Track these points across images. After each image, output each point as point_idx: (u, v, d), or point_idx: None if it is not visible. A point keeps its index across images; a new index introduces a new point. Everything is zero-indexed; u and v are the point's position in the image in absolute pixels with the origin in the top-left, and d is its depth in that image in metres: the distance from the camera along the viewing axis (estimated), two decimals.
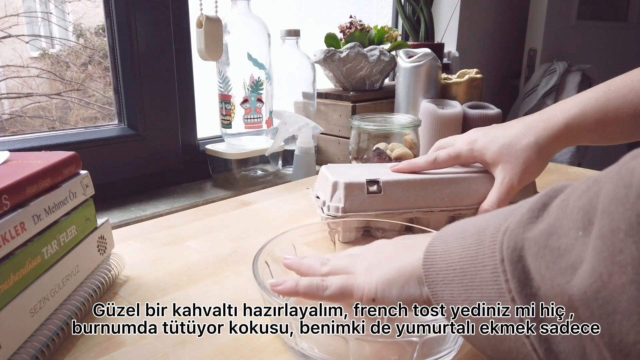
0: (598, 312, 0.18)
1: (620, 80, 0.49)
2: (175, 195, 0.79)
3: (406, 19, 1.21)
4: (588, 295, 0.19)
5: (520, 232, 0.22)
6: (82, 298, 0.39)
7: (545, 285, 0.21)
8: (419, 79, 0.95)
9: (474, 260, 0.24)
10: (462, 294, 0.25)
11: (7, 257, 0.31)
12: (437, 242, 0.28)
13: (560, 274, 0.20)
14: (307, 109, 0.95)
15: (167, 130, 0.81)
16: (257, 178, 0.88)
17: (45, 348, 0.33)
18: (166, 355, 0.35)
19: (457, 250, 0.26)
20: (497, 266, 0.22)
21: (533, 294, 0.21)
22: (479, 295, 0.24)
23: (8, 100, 0.87)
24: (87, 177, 0.43)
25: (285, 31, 0.91)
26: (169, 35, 0.78)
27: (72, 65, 0.92)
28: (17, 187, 0.33)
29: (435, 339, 0.31)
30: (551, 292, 0.20)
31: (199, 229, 0.58)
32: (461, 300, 0.25)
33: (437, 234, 0.29)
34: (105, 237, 0.45)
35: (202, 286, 0.44)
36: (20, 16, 0.82)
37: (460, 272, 0.25)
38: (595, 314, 0.18)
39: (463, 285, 0.25)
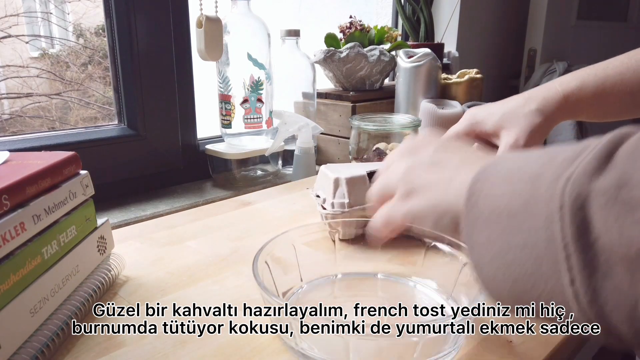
0: None
1: (618, 59, 0.51)
2: (175, 195, 0.79)
3: (406, 19, 1.21)
4: None
5: (586, 181, 0.21)
6: (82, 298, 0.39)
7: (610, 237, 0.20)
8: (419, 79, 0.95)
9: (525, 206, 0.23)
10: (501, 238, 0.24)
11: (7, 257, 0.31)
12: (483, 184, 0.26)
13: (633, 225, 0.19)
14: (307, 109, 0.95)
15: (167, 130, 0.81)
16: (257, 178, 0.88)
17: (45, 348, 0.33)
18: (166, 355, 0.35)
19: (505, 196, 0.24)
20: (553, 213, 0.22)
21: (590, 244, 0.20)
22: (522, 240, 0.23)
23: (8, 100, 0.86)
24: (87, 177, 0.43)
25: (285, 31, 0.91)
26: (169, 35, 0.78)
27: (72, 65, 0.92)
28: (17, 187, 0.33)
29: (435, 339, 0.31)
30: (616, 243, 0.20)
31: (199, 229, 0.58)
32: (498, 245, 0.24)
33: (483, 172, 0.27)
34: (105, 237, 0.45)
35: (202, 286, 0.44)
36: (20, 16, 0.82)
37: (505, 217, 0.24)
38: None
39: (506, 231, 0.24)
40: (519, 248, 0.23)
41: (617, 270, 0.20)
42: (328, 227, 0.48)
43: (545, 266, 0.22)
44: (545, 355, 0.35)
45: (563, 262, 0.21)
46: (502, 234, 0.24)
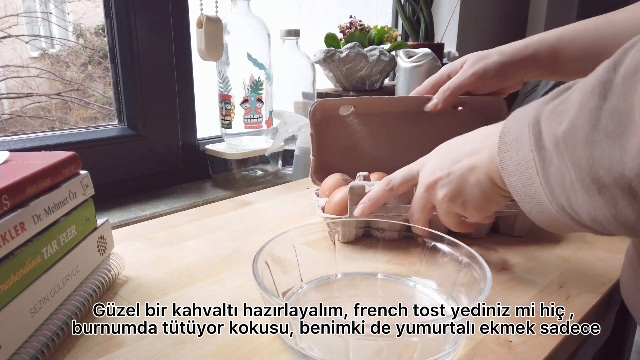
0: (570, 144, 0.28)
1: (580, 22, 0.59)
2: (175, 195, 0.79)
3: (406, 19, 1.21)
4: (565, 134, 0.28)
5: (543, 106, 0.31)
6: (82, 298, 0.39)
7: (547, 137, 0.30)
8: (419, 79, 0.94)
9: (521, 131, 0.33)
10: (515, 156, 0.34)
11: (7, 257, 0.31)
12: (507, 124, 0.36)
13: (556, 125, 0.29)
14: (307, 109, 0.94)
15: (167, 130, 0.81)
16: (257, 178, 0.88)
17: (45, 348, 0.33)
18: (166, 355, 0.35)
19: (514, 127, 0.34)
20: (527, 131, 0.32)
21: (542, 146, 0.31)
22: (521, 155, 0.33)
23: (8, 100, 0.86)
24: (87, 177, 0.43)
25: (285, 31, 0.91)
26: (169, 35, 0.78)
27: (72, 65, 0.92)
28: (17, 187, 0.33)
29: (435, 339, 0.31)
30: (549, 140, 0.30)
31: (199, 229, 0.58)
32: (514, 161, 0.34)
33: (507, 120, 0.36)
34: (105, 237, 0.45)
35: (202, 286, 0.44)
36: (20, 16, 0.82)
37: (514, 141, 0.34)
38: (568, 146, 0.28)
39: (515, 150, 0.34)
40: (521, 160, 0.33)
41: (554, 157, 0.30)
42: (328, 227, 0.48)
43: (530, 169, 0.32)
44: (545, 355, 0.35)
45: (532, 161, 0.32)
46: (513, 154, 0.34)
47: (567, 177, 0.29)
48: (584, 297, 0.43)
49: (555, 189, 0.30)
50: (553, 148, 0.29)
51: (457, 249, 0.41)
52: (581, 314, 0.40)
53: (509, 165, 0.35)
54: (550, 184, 0.31)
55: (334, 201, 0.53)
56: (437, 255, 0.43)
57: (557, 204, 0.31)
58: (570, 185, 0.29)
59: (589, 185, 0.27)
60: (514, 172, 0.34)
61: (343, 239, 0.50)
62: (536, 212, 0.34)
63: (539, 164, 0.31)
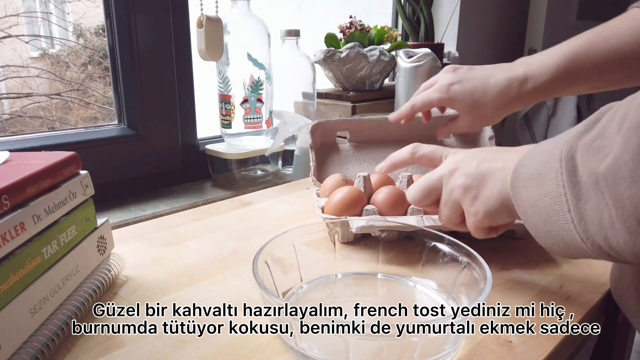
0: (611, 182, 0.26)
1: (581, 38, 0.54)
2: (175, 195, 0.79)
3: (406, 19, 1.21)
4: (607, 170, 0.27)
5: (576, 140, 0.30)
6: (82, 298, 0.39)
7: (585, 173, 0.29)
8: (419, 79, 0.94)
9: (546, 165, 0.32)
10: (534, 192, 0.33)
11: (7, 257, 0.31)
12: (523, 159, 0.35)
13: (595, 160, 0.28)
14: (307, 109, 0.94)
15: (167, 130, 0.81)
16: (257, 178, 0.88)
17: (45, 348, 0.33)
18: (166, 355, 0.35)
19: (536, 162, 0.33)
20: (557, 165, 0.31)
21: (577, 182, 0.29)
22: (544, 190, 0.32)
23: (8, 100, 0.86)
24: (87, 177, 0.43)
25: (285, 31, 0.91)
26: (169, 35, 0.78)
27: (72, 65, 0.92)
28: (17, 187, 0.33)
29: (435, 339, 0.31)
30: (587, 176, 0.28)
31: (199, 229, 0.58)
32: (533, 197, 0.33)
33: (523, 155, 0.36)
34: (105, 237, 0.45)
35: (202, 286, 0.44)
36: (20, 16, 0.82)
37: (536, 175, 0.33)
38: (610, 184, 0.27)
39: (536, 185, 0.33)
40: (544, 196, 0.32)
41: (591, 195, 0.28)
42: (328, 228, 0.48)
43: (557, 205, 0.31)
44: (545, 355, 0.35)
45: (563, 197, 0.30)
46: (534, 189, 0.33)
47: (605, 216, 0.28)
48: (584, 297, 0.43)
49: (590, 228, 0.29)
50: (591, 185, 0.28)
51: (457, 249, 0.41)
52: (581, 314, 0.40)
53: (525, 202, 0.33)
54: (585, 223, 0.29)
55: (333, 201, 0.53)
56: (437, 255, 0.43)
57: (593, 243, 0.29)
58: (609, 225, 0.27)
59: (632, 226, 0.26)
60: (533, 208, 0.33)
61: (342, 239, 0.50)
62: (557, 247, 0.33)
63: (572, 201, 0.29)
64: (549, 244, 0.33)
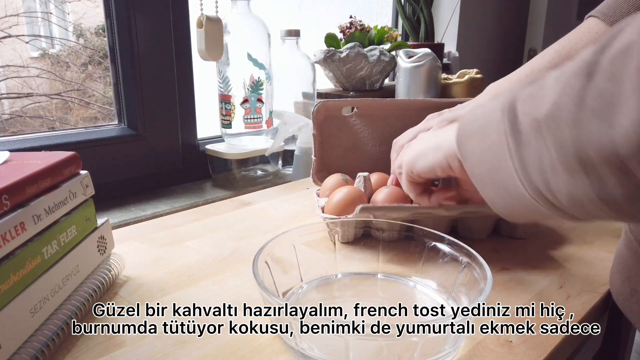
0: (552, 125, 0.28)
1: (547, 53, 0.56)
2: (175, 195, 0.79)
3: (406, 19, 1.21)
4: (547, 116, 0.28)
5: (516, 92, 0.31)
6: (82, 298, 0.39)
7: (526, 120, 0.30)
8: (419, 79, 0.95)
9: (489, 118, 0.34)
10: (478, 145, 0.35)
11: (7, 257, 0.31)
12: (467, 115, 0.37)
13: (536, 107, 0.29)
14: (307, 109, 0.94)
15: (167, 130, 0.81)
16: (257, 178, 0.88)
17: (45, 348, 0.33)
18: (166, 355, 0.35)
19: (480, 116, 0.35)
20: (499, 117, 0.32)
21: (518, 130, 0.31)
22: (488, 141, 0.33)
23: (8, 100, 0.86)
24: (87, 177, 0.43)
25: (285, 31, 0.91)
26: (169, 35, 0.78)
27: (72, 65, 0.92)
28: (17, 187, 0.33)
29: (435, 339, 0.31)
30: (527, 123, 0.30)
31: (199, 229, 0.58)
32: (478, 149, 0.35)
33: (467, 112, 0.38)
34: (105, 237, 0.45)
35: (202, 286, 0.44)
36: (20, 16, 0.82)
37: (480, 128, 0.35)
38: (551, 127, 0.28)
39: (480, 137, 0.34)
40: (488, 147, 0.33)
41: (532, 141, 0.29)
42: (328, 228, 0.48)
43: (500, 155, 0.32)
44: (545, 355, 0.35)
45: (505, 146, 0.32)
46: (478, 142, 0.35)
47: (546, 159, 0.29)
48: (584, 297, 0.43)
49: (531, 172, 0.30)
50: (532, 131, 0.30)
51: (457, 249, 0.41)
52: (581, 314, 0.40)
53: (471, 154, 0.35)
54: (527, 168, 0.31)
55: (333, 201, 0.53)
56: (437, 255, 0.43)
57: (533, 188, 0.31)
58: (549, 167, 0.29)
59: (573, 166, 0.27)
60: (478, 160, 0.35)
61: (342, 239, 0.50)
62: (501, 198, 0.34)
63: (514, 148, 0.31)
64: (495, 197, 0.34)
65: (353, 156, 0.69)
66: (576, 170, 0.27)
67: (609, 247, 0.53)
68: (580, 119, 0.26)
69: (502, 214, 0.35)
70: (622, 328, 0.51)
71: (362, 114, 0.68)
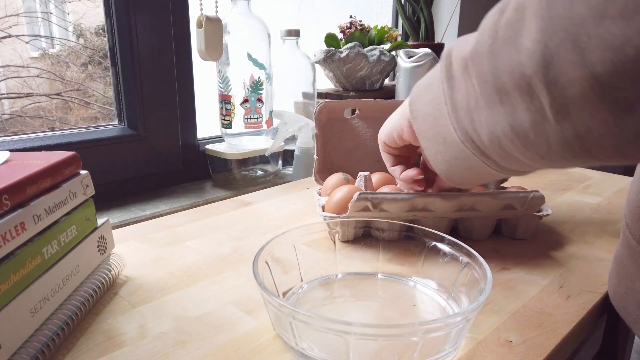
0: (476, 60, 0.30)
1: None
2: (175, 195, 0.79)
3: (406, 19, 1.21)
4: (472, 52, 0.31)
5: (454, 44, 0.34)
6: (82, 298, 0.39)
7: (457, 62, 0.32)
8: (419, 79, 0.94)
9: (434, 73, 0.36)
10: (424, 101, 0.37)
11: (7, 257, 0.31)
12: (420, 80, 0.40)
13: (465, 48, 0.32)
14: (307, 109, 0.95)
15: (167, 130, 0.81)
16: (257, 178, 0.88)
17: (46, 348, 0.33)
18: (166, 355, 0.35)
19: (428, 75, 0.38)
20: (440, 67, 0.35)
21: (452, 75, 0.33)
22: (431, 95, 0.36)
23: (8, 100, 0.86)
24: (88, 177, 0.43)
25: (285, 31, 0.91)
26: (169, 35, 0.78)
27: (72, 65, 0.92)
28: (17, 187, 0.33)
29: (435, 339, 0.31)
30: (458, 64, 0.32)
31: (199, 229, 0.58)
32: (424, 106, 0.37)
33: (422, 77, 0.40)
34: (105, 237, 0.45)
35: (202, 286, 0.44)
36: (20, 16, 0.82)
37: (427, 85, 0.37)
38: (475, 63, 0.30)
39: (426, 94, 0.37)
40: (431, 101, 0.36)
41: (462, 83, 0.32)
42: (328, 228, 0.48)
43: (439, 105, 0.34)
44: (545, 355, 0.35)
45: (442, 94, 0.34)
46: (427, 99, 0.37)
47: (472, 97, 0.31)
48: (584, 297, 0.43)
49: (460, 113, 0.32)
50: (461, 71, 0.32)
51: (457, 249, 0.41)
52: (581, 314, 0.40)
53: (418, 112, 0.37)
54: (457, 110, 0.33)
55: (334, 200, 0.53)
56: (437, 255, 0.43)
57: (462, 130, 0.33)
58: (474, 104, 0.31)
59: (492, 98, 0.29)
60: (424, 116, 0.37)
61: (342, 237, 0.50)
62: (441, 154, 0.36)
63: (448, 93, 0.33)
64: (436, 154, 0.36)
65: (355, 156, 0.69)
66: (494, 102, 0.29)
67: (609, 247, 0.53)
68: (495, 49, 0.28)
69: (444, 174, 0.38)
70: (621, 328, 0.51)
71: (364, 116, 0.68)
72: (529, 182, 0.75)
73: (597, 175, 0.81)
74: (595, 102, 0.23)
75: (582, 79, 0.23)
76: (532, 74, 0.25)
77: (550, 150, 0.28)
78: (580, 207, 0.65)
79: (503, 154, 0.32)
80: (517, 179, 0.72)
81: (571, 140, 0.26)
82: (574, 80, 0.23)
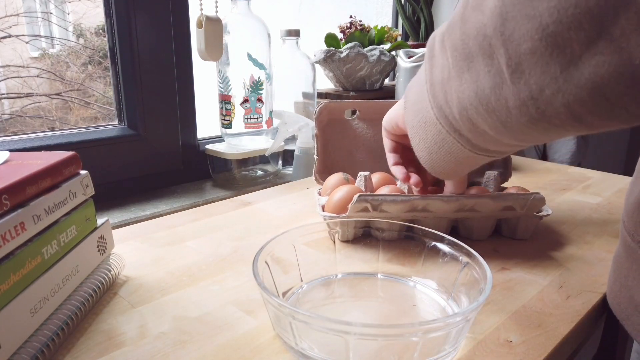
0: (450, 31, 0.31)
1: None
2: (175, 195, 0.79)
3: (406, 19, 1.21)
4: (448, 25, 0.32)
5: (436, 31, 0.34)
6: (82, 298, 0.39)
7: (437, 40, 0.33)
8: None
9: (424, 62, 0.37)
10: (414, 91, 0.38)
11: (7, 257, 0.31)
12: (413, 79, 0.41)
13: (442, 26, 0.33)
14: (307, 109, 0.94)
15: (167, 130, 0.81)
16: (257, 178, 0.88)
17: (45, 348, 0.33)
18: (166, 355, 0.35)
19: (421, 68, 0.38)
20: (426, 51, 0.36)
21: (433, 55, 0.34)
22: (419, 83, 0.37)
23: (8, 100, 0.86)
24: (87, 177, 0.43)
25: (285, 31, 0.91)
26: (169, 35, 0.78)
27: (72, 65, 0.92)
28: (17, 187, 0.33)
29: (435, 339, 0.31)
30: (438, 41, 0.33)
31: (199, 229, 0.58)
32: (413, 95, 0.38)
33: None
34: (105, 237, 0.45)
35: (202, 286, 0.44)
36: (20, 16, 0.82)
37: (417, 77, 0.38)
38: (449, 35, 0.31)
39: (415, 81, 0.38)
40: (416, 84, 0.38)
41: (439, 58, 0.33)
42: (328, 228, 0.48)
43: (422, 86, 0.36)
44: (545, 355, 0.35)
45: (424, 73, 0.35)
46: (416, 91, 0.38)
47: (445, 69, 0.32)
48: (584, 297, 0.43)
49: (436, 88, 0.33)
50: (439, 47, 0.33)
51: (457, 249, 0.41)
52: (581, 314, 0.40)
53: (408, 102, 0.38)
54: (434, 85, 0.34)
55: (334, 200, 0.53)
56: (437, 255, 0.43)
57: (437, 107, 0.34)
58: (447, 76, 0.32)
59: (461, 66, 0.30)
60: (412, 103, 0.38)
61: (342, 237, 0.50)
62: (423, 141, 0.37)
63: (428, 71, 0.34)
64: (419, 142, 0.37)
65: (355, 156, 0.69)
66: (462, 70, 0.30)
67: (608, 247, 0.53)
68: (465, 16, 0.29)
69: (427, 164, 0.39)
70: (621, 328, 0.51)
71: (364, 117, 0.68)
72: (529, 182, 0.75)
73: (597, 175, 0.81)
74: (545, 56, 0.24)
75: (532, 31, 0.24)
76: (491, 33, 0.27)
77: (510, 115, 0.28)
78: (580, 207, 0.65)
79: (472, 127, 0.33)
80: (517, 179, 0.73)
81: (527, 101, 0.27)
82: (526, 34, 0.24)
